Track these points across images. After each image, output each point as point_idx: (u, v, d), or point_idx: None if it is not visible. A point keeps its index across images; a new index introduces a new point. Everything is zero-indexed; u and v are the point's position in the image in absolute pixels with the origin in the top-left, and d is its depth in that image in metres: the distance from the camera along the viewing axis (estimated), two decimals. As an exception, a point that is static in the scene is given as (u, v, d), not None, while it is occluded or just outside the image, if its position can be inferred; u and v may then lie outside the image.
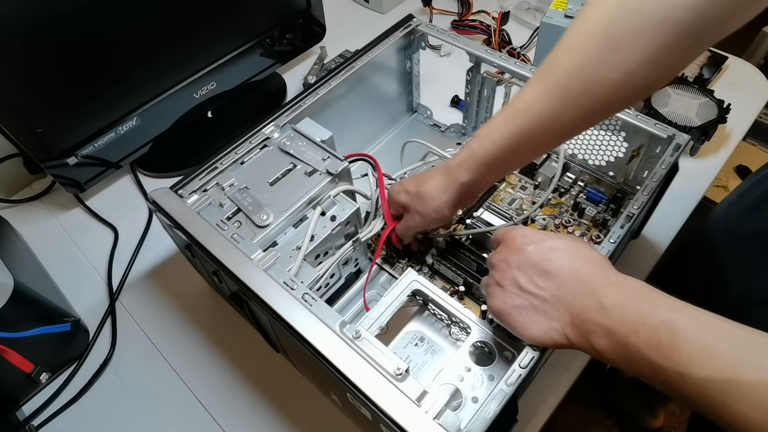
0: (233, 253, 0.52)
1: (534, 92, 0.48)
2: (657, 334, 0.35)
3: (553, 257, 0.43)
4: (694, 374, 0.33)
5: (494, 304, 0.45)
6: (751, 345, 0.33)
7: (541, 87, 0.47)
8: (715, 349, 0.33)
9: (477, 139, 0.51)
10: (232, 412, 0.63)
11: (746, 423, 0.31)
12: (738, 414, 0.31)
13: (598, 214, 0.71)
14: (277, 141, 0.64)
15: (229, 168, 0.62)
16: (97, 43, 0.70)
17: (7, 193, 0.87)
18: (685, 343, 0.34)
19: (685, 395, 0.34)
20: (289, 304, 0.47)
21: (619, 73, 0.43)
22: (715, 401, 0.32)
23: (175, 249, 0.75)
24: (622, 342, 0.37)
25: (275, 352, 0.65)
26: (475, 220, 0.72)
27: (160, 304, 0.73)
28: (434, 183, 0.55)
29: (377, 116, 0.84)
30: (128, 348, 0.69)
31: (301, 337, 0.45)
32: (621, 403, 1.35)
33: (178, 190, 0.60)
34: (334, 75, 0.70)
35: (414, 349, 0.55)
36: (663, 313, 0.36)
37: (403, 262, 0.70)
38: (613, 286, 0.40)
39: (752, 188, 0.69)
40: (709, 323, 0.35)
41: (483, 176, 0.53)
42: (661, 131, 0.61)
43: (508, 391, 0.43)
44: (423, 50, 0.80)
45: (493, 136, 0.50)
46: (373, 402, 0.42)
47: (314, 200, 0.60)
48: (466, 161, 0.52)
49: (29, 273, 0.70)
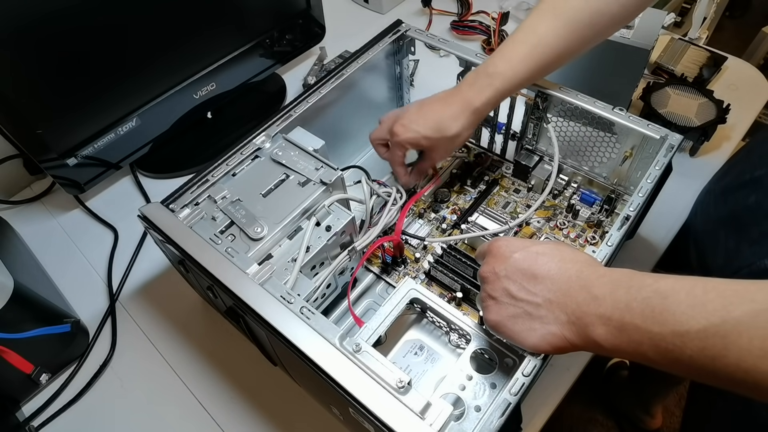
0: (228, 268, 0.51)
1: (547, 27, 0.57)
2: (649, 303, 0.36)
3: (540, 262, 0.43)
4: (691, 329, 0.33)
5: (490, 318, 0.46)
6: (738, 287, 0.34)
7: (555, 22, 0.57)
8: (705, 300, 0.34)
9: (500, 78, 0.59)
10: (231, 413, 0.63)
11: (751, 359, 0.31)
12: (741, 353, 0.31)
13: (593, 215, 0.72)
14: (268, 151, 0.63)
15: (221, 180, 0.61)
16: (97, 44, 0.70)
17: (6, 194, 0.87)
18: (677, 302, 0.35)
19: (688, 359, 0.34)
20: (287, 318, 0.47)
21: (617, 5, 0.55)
22: (716, 350, 0.32)
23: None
24: (618, 325, 0.38)
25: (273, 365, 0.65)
26: (470, 225, 0.72)
27: (160, 305, 0.73)
28: (462, 123, 0.61)
29: (369, 122, 0.84)
30: (128, 348, 0.70)
31: (300, 353, 0.45)
32: (618, 404, 1.36)
33: (169, 205, 0.59)
34: (324, 83, 0.70)
35: (414, 358, 0.55)
36: (651, 284, 0.37)
37: (400, 270, 0.69)
38: (602, 277, 0.40)
39: (726, 173, 0.70)
40: (695, 282, 0.36)
41: (498, 104, 0.63)
42: (654, 132, 0.61)
43: (513, 401, 0.43)
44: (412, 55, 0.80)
45: (515, 72, 0.59)
46: (376, 416, 0.41)
47: (308, 211, 0.59)
48: (493, 99, 0.60)
49: (29, 274, 0.71)
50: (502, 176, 0.78)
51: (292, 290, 0.52)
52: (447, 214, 0.74)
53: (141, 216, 0.57)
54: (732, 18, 2.22)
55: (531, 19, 0.59)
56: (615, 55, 0.76)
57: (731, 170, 0.69)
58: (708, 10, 0.98)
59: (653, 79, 0.90)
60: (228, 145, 0.64)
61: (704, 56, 0.94)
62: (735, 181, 0.66)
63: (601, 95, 0.66)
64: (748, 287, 0.33)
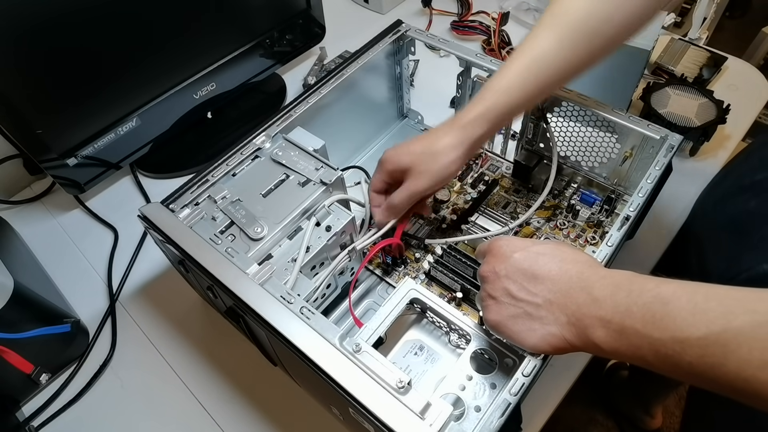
0: (228, 268, 0.51)
1: (546, 41, 0.51)
2: (650, 308, 0.36)
3: (540, 262, 0.43)
4: (691, 336, 0.33)
5: (490, 317, 0.45)
6: (740, 296, 0.33)
7: (553, 35, 0.51)
8: (706, 307, 0.34)
9: (491, 93, 0.54)
10: (231, 413, 0.63)
11: (750, 368, 0.31)
12: (740, 363, 0.31)
13: (593, 215, 0.72)
14: (268, 151, 0.63)
15: (221, 180, 0.61)
16: (97, 44, 0.70)
17: (6, 194, 0.88)
18: (678, 308, 0.35)
19: (687, 365, 0.34)
20: (287, 318, 0.47)
21: (619, 16, 0.50)
22: (716, 359, 0.32)
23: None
24: (618, 328, 0.37)
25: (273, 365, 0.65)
26: (470, 225, 0.72)
27: (160, 305, 0.73)
28: (447, 140, 0.55)
29: (368, 123, 0.84)
30: (128, 348, 0.70)
31: (300, 353, 0.45)
32: (618, 404, 1.36)
33: (169, 205, 0.59)
34: (324, 83, 0.70)
35: (414, 358, 0.55)
36: (652, 288, 0.37)
37: (400, 270, 0.69)
38: (602, 279, 0.40)
39: (725, 177, 0.70)
40: (697, 288, 0.35)
41: (496, 127, 0.55)
42: (654, 132, 0.61)
43: (513, 401, 0.43)
44: (413, 55, 0.80)
45: (510, 90, 0.53)
46: (376, 416, 0.41)
47: (308, 211, 0.59)
48: (484, 115, 0.54)
49: (29, 274, 0.71)
50: (502, 176, 0.78)
51: (292, 290, 0.52)
52: (447, 214, 0.74)
53: (141, 216, 0.57)
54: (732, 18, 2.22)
55: (532, 33, 0.54)
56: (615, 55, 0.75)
57: (730, 174, 0.69)
58: (708, 10, 0.98)
59: (653, 80, 0.90)
60: (228, 145, 0.64)
61: (704, 56, 0.94)
62: (734, 186, 0.66)
63: (601, 95, 0.66)
64: (749, 296, 0.33)
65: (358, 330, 0.49)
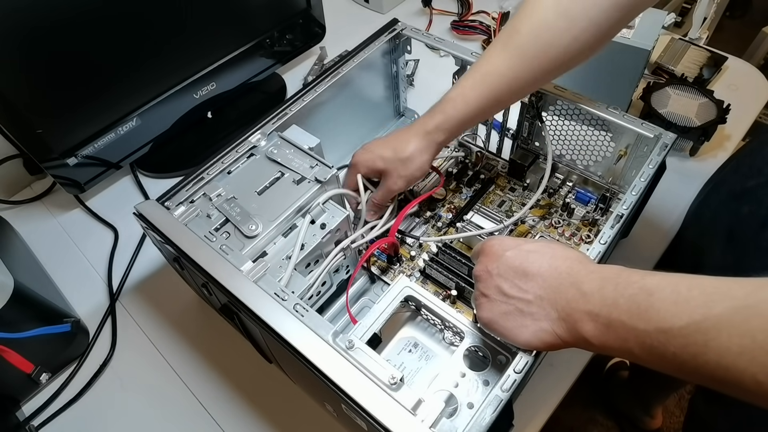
0: (222, 265, 0.51)
1: (498, 57, 0.57)
2: (635, 300, 0.36)
3: (531, 259, 0.44)
4: (674, 326, 0.34)
5: (482, 315, 0.46)
6: (722, 284, 0.34)
7: (505, 52, 0.56)
8: (688, 297, 0.34)
9: (450, 103, 0.59)
10: (231, 413, 0.63)
11: (729, 356, 0.31)
12: (720, 350, 0.31)
13: (588, 213, 0.72)
14: (264, 149, 0.63)
15: (216, 178, 0.61)
16: (97, 44, 0.70)
17: (7, 194, 0.88)
18: (661, 299, 0.35)
19: (672, 356, 0.34)
20: (281, 315, 0.47)
21: (568, 37, 0.53)
22: (697, 347, 0.33)
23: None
24: (606, 322, 0.38)
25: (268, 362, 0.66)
26: (466, 223, 0.72)
27: (161, 304, 0.73)
28: (414, 146, 0.61)
29: (365, 121, 0.84)
30: (128, 348, 0.70)
31: (293, 349, 0.45)
32: (618, 404, 1.35)
33: (164, 202, 0.59)
34: (320, 81, 0.70)
35: (408, 355, 0.55)
36: (637, 281, 0.37)
37: (395, 268, 0.70)
38: (591, 274, 0.41)
39: (716, 187, 0.70)
40: (681, 279, 0.36)
41: (456, 133, 0.61)
42: (648, 130, 0.61)
43: (504, 397, 0.43)
44: (409, 54, 0.80)
45: (466, 99, 0.58)
46: (368, 413, 0.42)
47: (303, 208, 0.59)
48: (443, 124, 0.60)
49: (29, 273, 0.71)
50: (497, 175, 0.78)
51: (287, 287, 0.52)
52: (442, 212, 0.74)
53: (136, 213, 0.58)
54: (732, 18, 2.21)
55: (487, 50, 0.58)
56: (615, 55, 0.76)
57: (724, 183, 0.69)
58: (708, 10, 0.98)
59: (653, 80, 0.90)
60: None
61: (704, 56, 0.94)
62: (726, 193, 0.66)
63: (601, 95, 0.66)
64: (730, 284, 0.33)
65: (352, 327, 0.49)
